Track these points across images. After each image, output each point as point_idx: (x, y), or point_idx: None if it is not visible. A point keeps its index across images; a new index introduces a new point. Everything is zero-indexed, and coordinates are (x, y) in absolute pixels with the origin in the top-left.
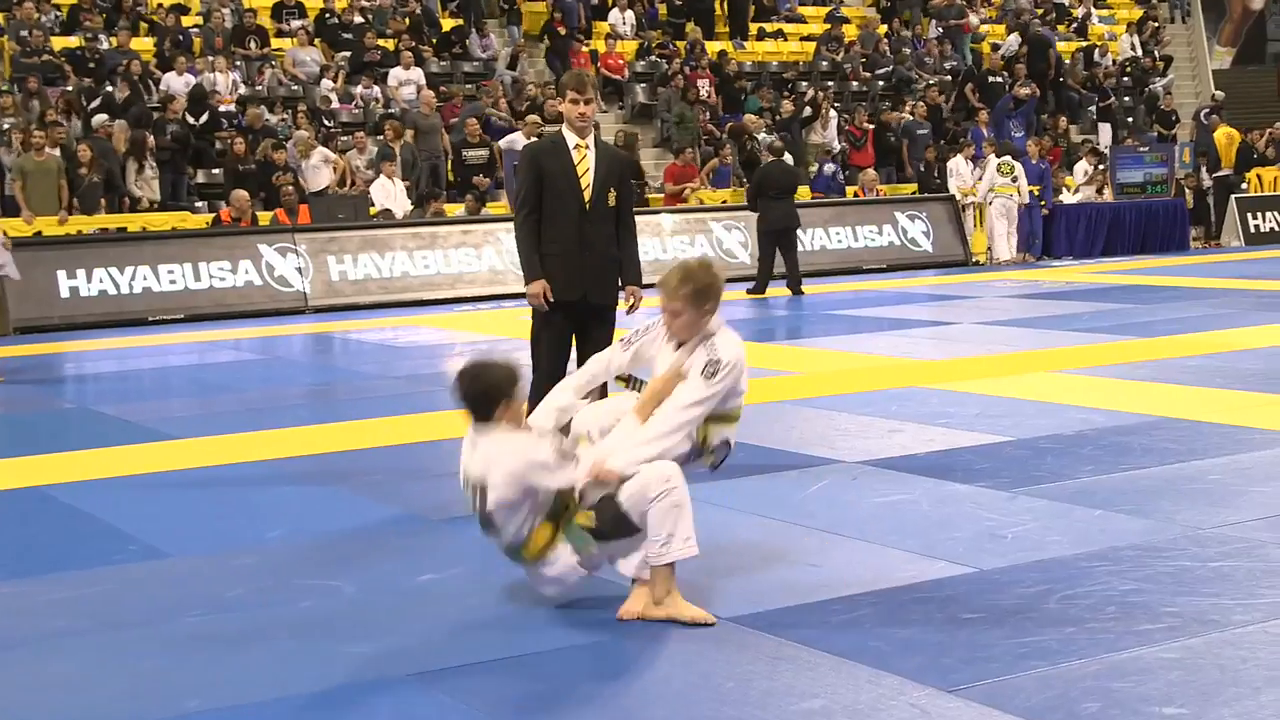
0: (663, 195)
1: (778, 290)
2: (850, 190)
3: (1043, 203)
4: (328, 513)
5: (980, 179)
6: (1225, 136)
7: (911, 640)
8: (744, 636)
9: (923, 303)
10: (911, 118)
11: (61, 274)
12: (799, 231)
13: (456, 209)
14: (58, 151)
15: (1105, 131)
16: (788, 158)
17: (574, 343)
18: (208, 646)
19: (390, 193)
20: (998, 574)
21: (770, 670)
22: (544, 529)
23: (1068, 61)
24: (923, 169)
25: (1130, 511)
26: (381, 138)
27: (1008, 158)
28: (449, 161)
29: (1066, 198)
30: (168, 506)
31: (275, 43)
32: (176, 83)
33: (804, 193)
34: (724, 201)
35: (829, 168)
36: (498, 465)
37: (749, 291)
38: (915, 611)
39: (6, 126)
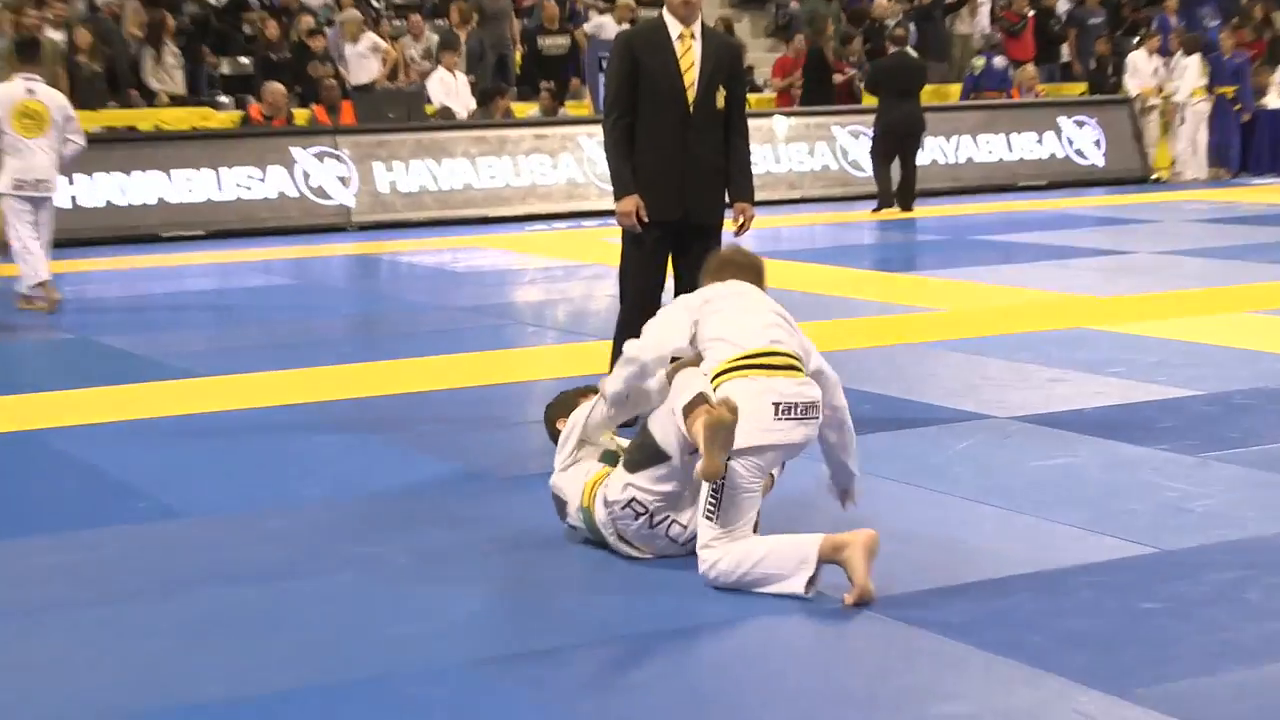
0: (773, 95)
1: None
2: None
3: (1238, 107)
4: (373, 468)
5: (1168, 77)
6: None
7: (1077, 634)
8: (873, 625)
9: (1092, 227)
10: (1081, 4)
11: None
12: (923, 139)
13: (529, 109)
14: (60, 35)
15: None
16: (912, 50)
17: (670, 269)
18: (228, 625)
19: (451, 88)
20: (1184, 555)
21: (905, 666)
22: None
23: None
24: (1094, 65)
25: None
26: (443, 22)
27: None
28: (520, 52)
29: (1271, 101)
30: (183, 457)
31: None
32: None
33: (951, 94)
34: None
35: (998, 60)
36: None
37: (873, 211)
38: (1082, 599)
39: None
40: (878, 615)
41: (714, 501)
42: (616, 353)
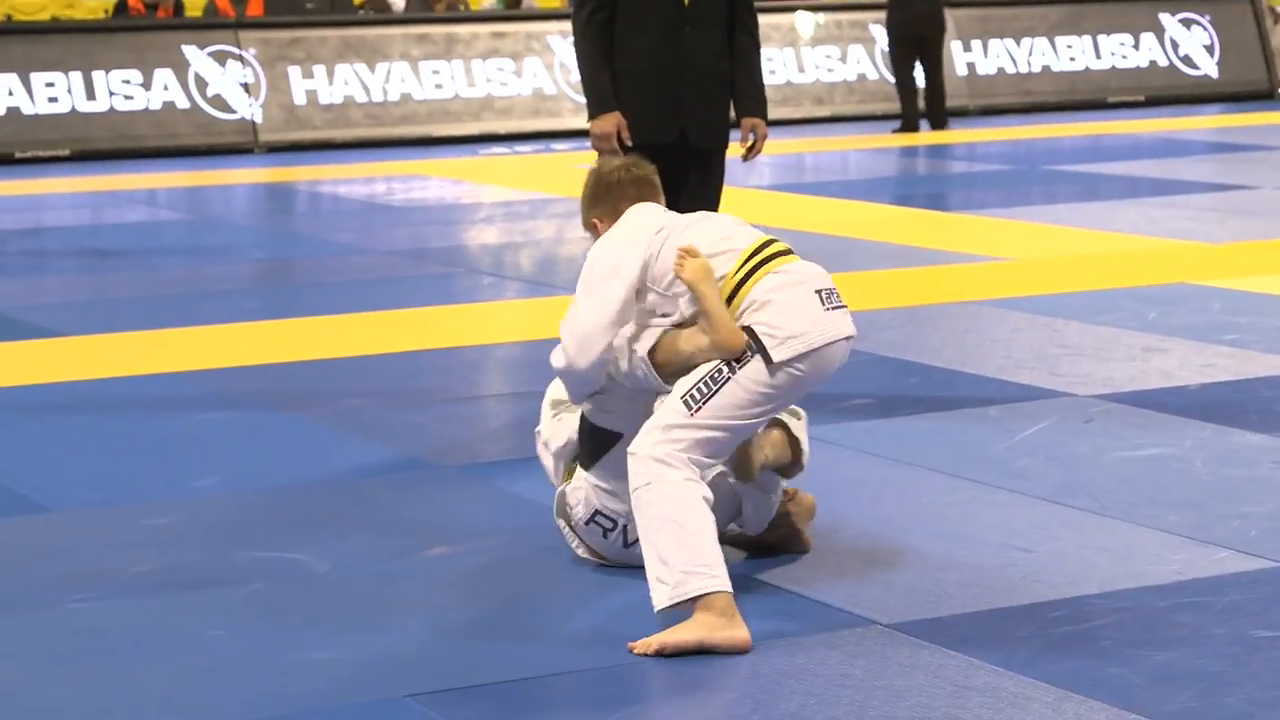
0: None
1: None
2: None
3: None
4: (285, 453)
5: None
6: None
7: (1175, 669)
8: (916, 653)
9: (1201, 155)
10: None
11: None
12: (945, 42)
13: (485, 1)
14: None
15: None
16: None
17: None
18: (100, 646)
19: None
20: None
21: (955, 703)
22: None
23: None
24: None
25: None
26: None
27: None
28: None
29: None
30: (46, 437)
31: None
32: None
33: None
34: None
35: None
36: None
37: (895, 132)
38: (1182, 625)
39: None
40: (924, 644)
41: (707, 387)
42: None
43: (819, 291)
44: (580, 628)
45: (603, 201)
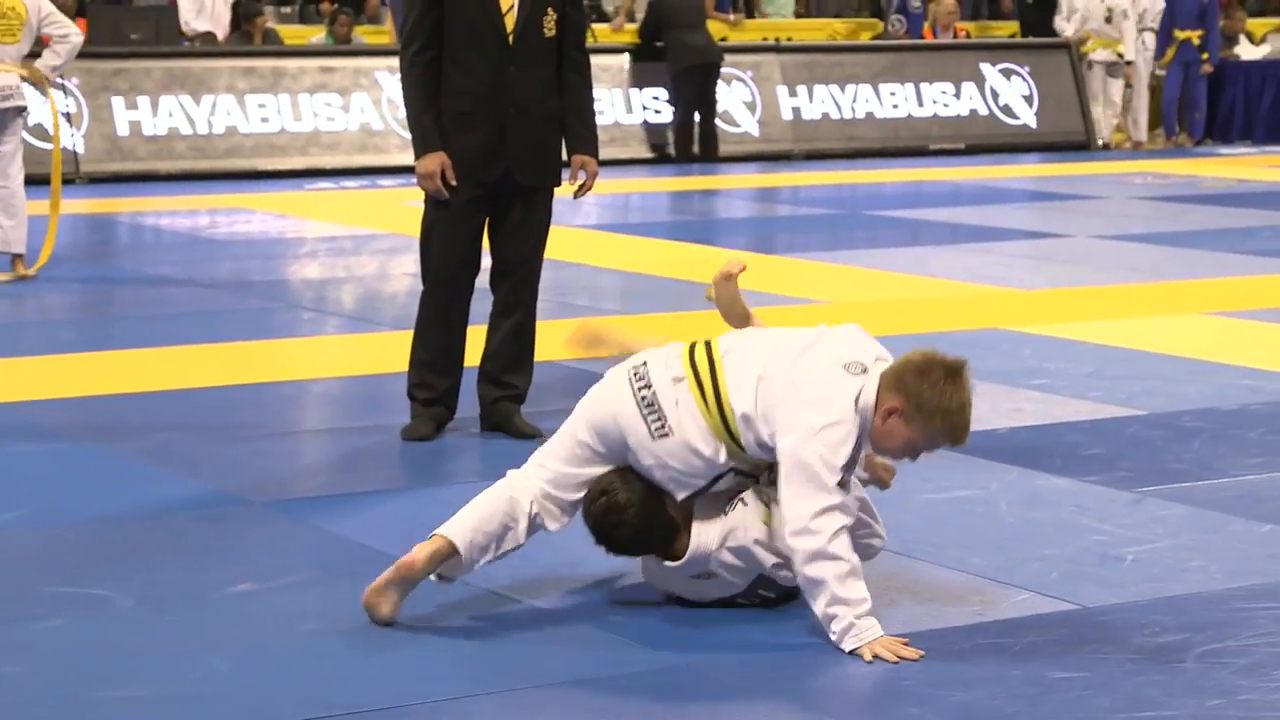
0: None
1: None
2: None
3: (1205, 57)
4: (94, 485)
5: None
6: None
7: (972, 710)
8: (697, 694)
9: (1019, 202)
10: None
11: None
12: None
13: (313, 34)
14: None
15: None
16: None
17: (485, 240)
18: None
19: (204, 4)
20: (1109, 613)
21: None
22: None
23: None
24: (1029, 2)
25: None
26: None
27: None
28: None
29: (1245, 52)
30: None
31: None
32: None
33: (846, 31)
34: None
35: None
36: None
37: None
38: (980, 667)
39: None
40: (726, 683)
41: None
42: (418, 346)
43: None
44: (382, 668)
45: None
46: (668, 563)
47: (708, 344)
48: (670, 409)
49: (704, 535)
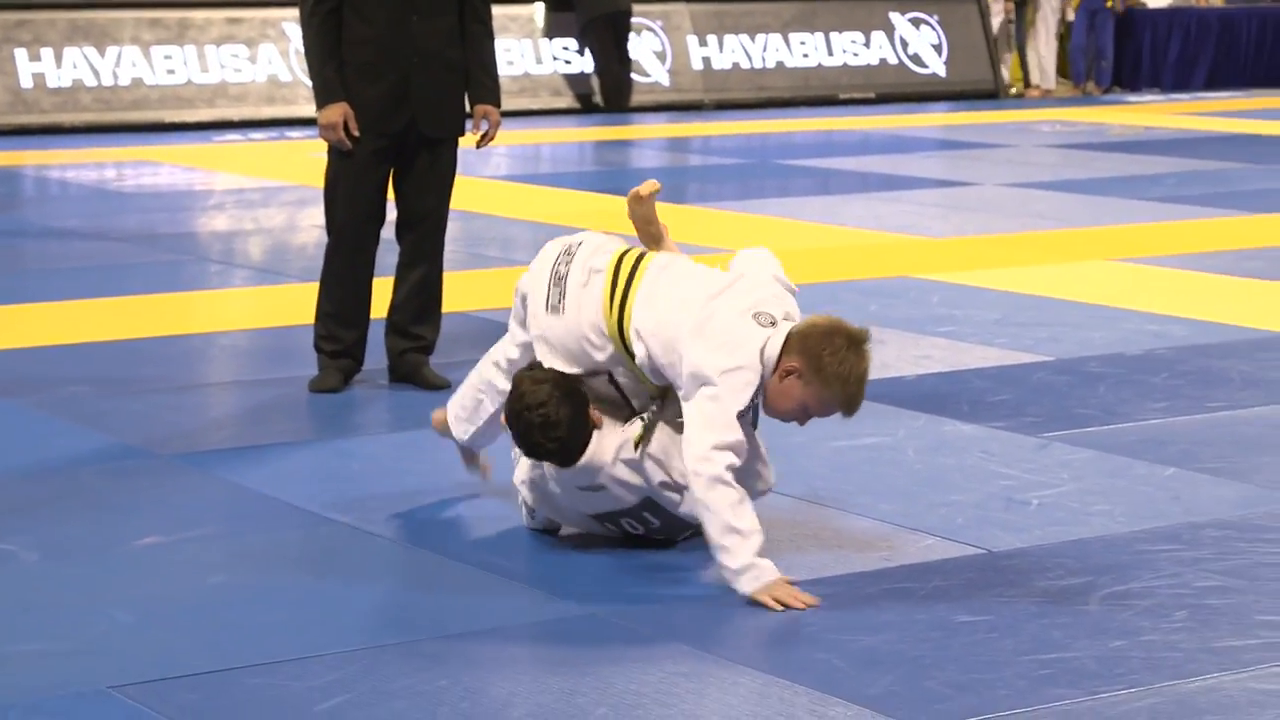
0: None
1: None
2: None
3: (1111, 3)
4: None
5: None
6: None
7: (877, 654)
8: (627, 638)
9: (928, 151)
10: None
11: None
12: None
13: None
14: None
15: None
16: None
17: (390, 192)
18: None
19: None
20: (1014, 558)
21: (662, 688)
22: None
23: None
24: None
25: (1217, 471)
26: None
27: None
28: None
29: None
30: None
31: None
32: None
33: None
34: None
35: None
36: None
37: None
38: (887, 611)
39: None
40: (638, 629)
41: None
42: (324, 298)
43: None
44: (281, 619)
45: None
46: (562, 470)
47: (640, 255)
48: (574, 290)
49: (600, 445)
